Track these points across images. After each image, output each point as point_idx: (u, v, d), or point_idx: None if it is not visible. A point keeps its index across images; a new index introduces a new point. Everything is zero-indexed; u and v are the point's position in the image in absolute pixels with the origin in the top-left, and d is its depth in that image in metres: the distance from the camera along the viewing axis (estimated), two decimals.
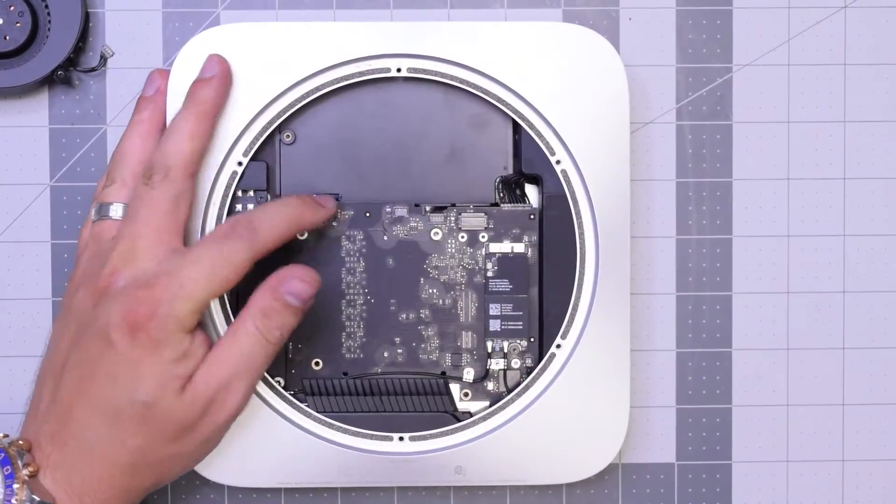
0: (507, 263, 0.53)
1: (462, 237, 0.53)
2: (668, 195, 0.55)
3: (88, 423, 0.46)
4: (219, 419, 0.47)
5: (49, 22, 0.52)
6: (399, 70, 0.52)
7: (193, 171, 0.49)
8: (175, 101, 0.51)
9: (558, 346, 0.52)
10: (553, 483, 0.53)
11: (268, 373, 0.52)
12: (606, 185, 0.52)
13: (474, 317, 0.53)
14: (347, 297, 0.53)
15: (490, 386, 0.53)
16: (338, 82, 0.52)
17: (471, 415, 0.53)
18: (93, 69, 0.54)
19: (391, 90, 0.53)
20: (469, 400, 0.53)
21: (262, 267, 0.48)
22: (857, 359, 0.55)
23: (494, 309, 0.53)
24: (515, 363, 0.53)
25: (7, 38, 0.52)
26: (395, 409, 0.53)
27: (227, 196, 0.52)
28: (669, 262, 0.55)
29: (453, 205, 0.53)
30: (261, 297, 0.47)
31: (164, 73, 0.51)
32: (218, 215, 0.51)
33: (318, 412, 0.52)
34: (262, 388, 0.52)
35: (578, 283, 0.52)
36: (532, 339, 0.53)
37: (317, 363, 0.53)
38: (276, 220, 0.47)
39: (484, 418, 0.52)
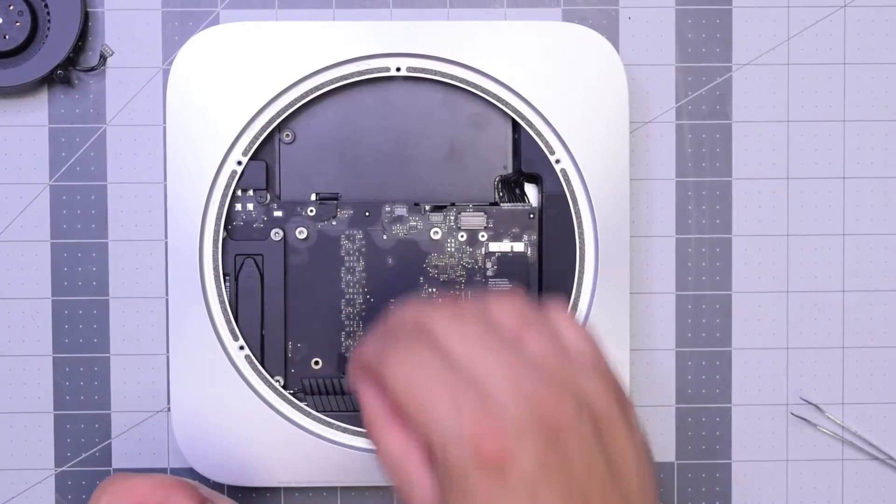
0: (506, 262, 0.53)
1: (461, 236, 0.53)
2: (668, 194, 0.55)
3: None
4: None
5: (48, 21, 0.52)
6: (398, 69, 0.52)
7: None
8: (175, 100, 0.51)
9: None
10: None
11: (267, 372, 0.52)
12: (606, 185, 0.52)
13: None
14: (347, 297, 0.53)
15: None
16: (337, 82, 0.52)
17: None
18: (92, 68, 0.54)
19: (390, 89, 0.53)
20: None
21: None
22: (856, 358, 0.55)
23: None
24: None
25: (6, 37, 0.52)
26: None
27: (227, 195, 0.52)
28: (669, 262, 0.55)
29: (453, 204, 0.53)
30: None
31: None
32: (217, 214, 0.51)
33: (317, 411, 0.52)
34: (261, 387, 0.52)
35: (578, 282, 0.52)
36: None
37: (316, 362, 0.53)
38: None
39: None
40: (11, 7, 0.52)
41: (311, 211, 0.53)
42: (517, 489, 0.37)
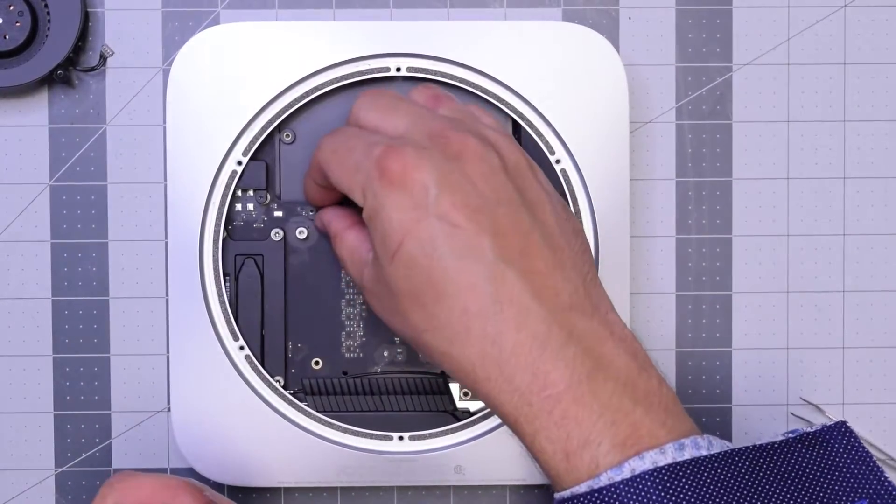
0: None
1: None
2: (668, 194, 0.55)
3: None
4: None
5: (49, 21, 0.52)
6: (399, 70, 0.52)
7: None
8: (175, 101, 0.51)
9: None
10: None
11: (268, 372, 0.52)
12: (606, 185, 0.52)
13: None
14: (347, 297, 0.53)
15: None
16: (337, 82, 0.52)
17: (470, 414, 0.53)
18: (92, 69, 0.54)
19: (391, 90, 0.53)
20: (469, 399, 0.53)
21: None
22: (856, 358, 0.55)
23: None
24: None
25: (7, 37, 0.52)
26: (395, 409, 0.53)
27: (227, 195, 0.52)
28: (669, 262, 0.55)
29: None
30: None
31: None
32: (217, 215, 0.51)
33: (317, 412, 0.52)
34: (261, 387, 0.52)
35: None
36: None
37: (316, 363, 0.53)
38: None
39: (483, 417, 0.52)
40: (11, 7, 0.52)
41: (312, 211, 0.53)
42: (419, 197, 0.41)
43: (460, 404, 0.53)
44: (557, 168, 0.52)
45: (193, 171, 0.51)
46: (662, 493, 0.39)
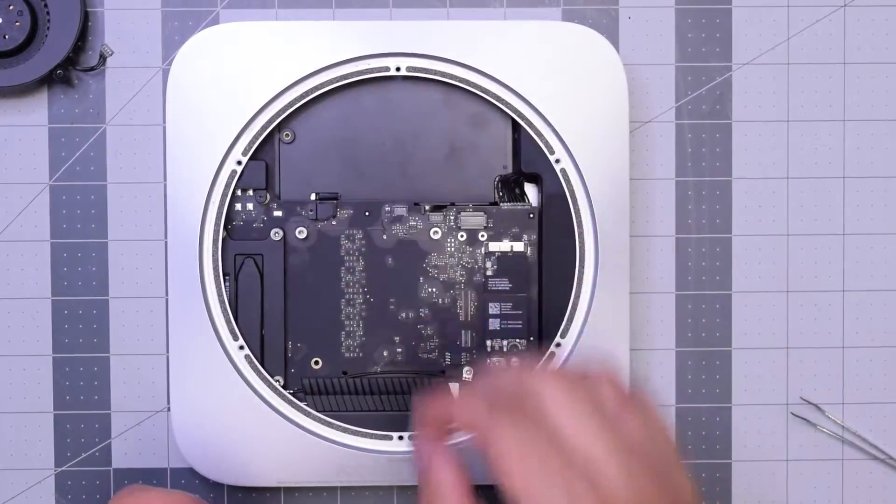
0: (506, 262, 0.53)
1: (461, 236, 0.53)
2: (668, 194, 0.55)
3: None
4: None
5: (48, 21, 0.52)
6: (398, 69, 0.52)
7: None
8: (175, 100, 0.51)
9: (558, 344, 0.52)
10: None
11: (267, 372, 0.52)
12: (606, 184, 0.52)
13: (473, 315, 0.53)
14: (347, 297, 0.53)
15: None
16: (337, 81, 0.52)
17: None
18: (92, 68, 0.54)
19: (390, 89, 0.53)
20: None
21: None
22: (856, 358, 0.55)
23: (494, 308, 0.53)
24: (515, 362, 0.53)
25: (6, 37, 0.52)
26: (395, 408, 0.53)
27: (227, 195, 0.52)
28: (669, 261, 0.55)
29: (452, 204, 0.53)
30: None
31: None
32: (217, 214, 0.51)
33: (317, 411, 0.52)
34: (261, 387, 0.52)
35: (578, 281, 0.52)
36: (531, 338, 0.53)
37: (316, 362, 0.53)
38: None
39: None
40: (11, 7, 0.52)
41: (311, 211, 0.53)
42: None
43: None
44: (557, 168, 0.52)
45: (193, 171, 0.51)
46: None
